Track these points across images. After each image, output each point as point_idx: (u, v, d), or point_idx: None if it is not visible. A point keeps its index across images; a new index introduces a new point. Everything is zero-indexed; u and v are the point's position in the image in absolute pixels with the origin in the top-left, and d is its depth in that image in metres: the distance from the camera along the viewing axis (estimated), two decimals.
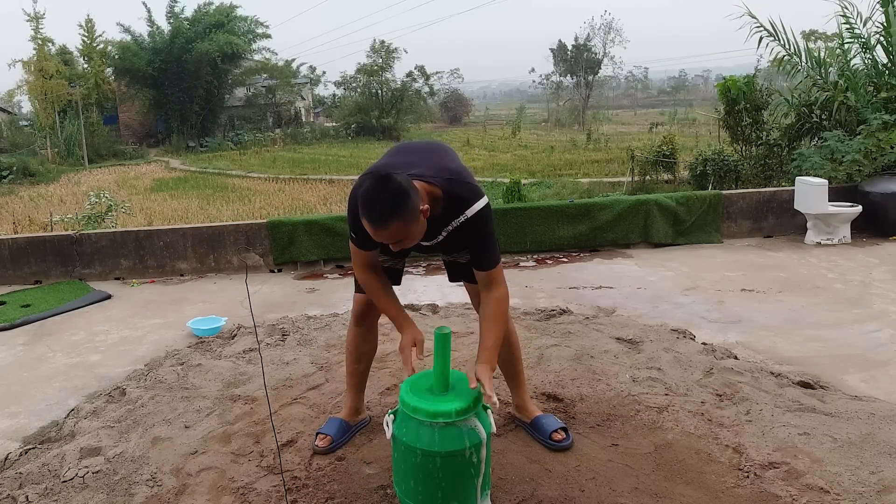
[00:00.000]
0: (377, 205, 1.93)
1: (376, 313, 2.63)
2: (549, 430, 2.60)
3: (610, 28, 40.67)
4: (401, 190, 1.94)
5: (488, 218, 2.18)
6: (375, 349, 2.74)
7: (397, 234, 1.97)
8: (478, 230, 2.18)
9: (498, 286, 2.24)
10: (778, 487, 2.28)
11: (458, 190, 2.14)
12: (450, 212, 2.14)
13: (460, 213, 2.14)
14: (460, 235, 2.20)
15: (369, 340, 2.67)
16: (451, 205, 2.13)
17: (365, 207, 1.96)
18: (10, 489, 2.49)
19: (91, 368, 3.80)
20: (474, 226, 2.16)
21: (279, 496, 2.34)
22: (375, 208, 1.93)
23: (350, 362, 2.69)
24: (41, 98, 26.81)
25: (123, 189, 16.10)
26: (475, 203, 2.15)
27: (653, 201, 6.28)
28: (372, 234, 1.99)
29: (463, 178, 2.19)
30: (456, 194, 2.13)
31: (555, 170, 16.66)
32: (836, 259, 5.56)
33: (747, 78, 9.27)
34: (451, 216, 2.15)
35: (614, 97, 64.90)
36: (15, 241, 5.97)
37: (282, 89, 35.37)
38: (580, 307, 4.47)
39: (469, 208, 2.14)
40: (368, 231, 1.99)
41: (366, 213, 1.96)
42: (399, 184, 1.95)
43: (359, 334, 2.63)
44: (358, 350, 2.66)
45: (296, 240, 5.98)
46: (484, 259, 2.23)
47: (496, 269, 2.24)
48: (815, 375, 3.21)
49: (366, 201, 1.95)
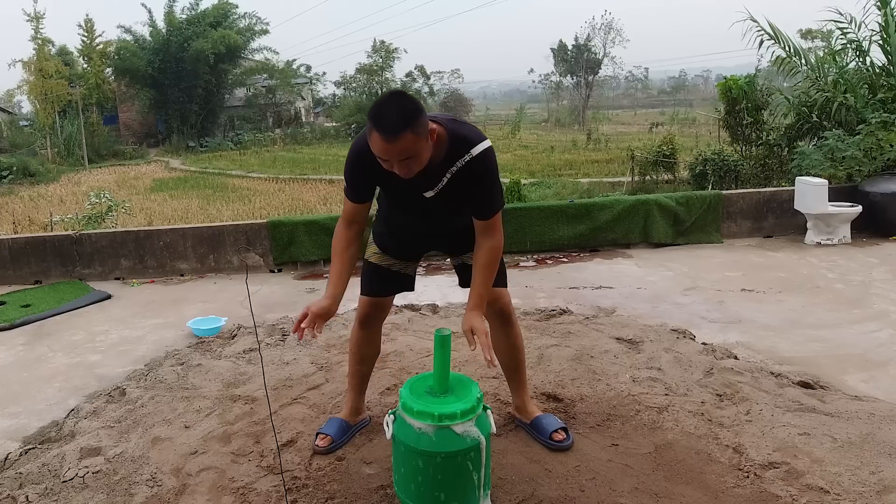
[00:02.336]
0: (391, 114, 1.91)
1: (381, 317, 2.63)
2: (550, 430, 2.60)
3: (610, 28, 40.73)
4: (413, 102, 1.95)
5: (492, 161, 2.16)
6: (378, 352, 2.73)
7: (408, 148, 1.92)
8: (482, 174, 2.15)
9: (494, 234, 2.25)
10: (778, 487, 2.28)
11: (462, 130, 2.14)
12: (453, 152, 2.12)
13: (464, 153, 2.12)
14: (464, 180, 2.15)
15: (373, 343, 2.67)
16: (455, 145, 2.12)
17: (377, 119, 1.92)
18: (10, 489, 2.49)
19: (91, 368, 3.80)
20: (478, 168, 2.13)
21: (279, 496, 2.34)
22: (389, 117, 1.90)
23: (353, 363, 2.69)
24: (41, 98, 26.80)
25: (123, 189, 16.10)
26: (479, 143, 2.13)
27: (653, 201, 6.28)
28: (383, 149, 1.93)
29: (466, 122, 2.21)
30: (460, 134, 2.13)
31: (555, 170, 16.64)
32: (836, 259, 5.56)
33: (748, 78, 9.28)
34: (455, 156, 2.12)
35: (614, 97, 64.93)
36: (15, 241, 5.97)
37: (282, 89, 35.37)
38: (580, 307, 4.47)
39: (473, 147, 2.12)
40: (379, 149, 1.94)
41: (378, 124, 1.91)
42: (411, 97, 1.97)
43: (362, 337, 2.62)
44: (361, 352, 2.65)
45: (296, 240, 5.98)
46: (487, 207, 2.21)
47: (496, 217, 2.24)
48: (815, 375, 3.21)
49: (378, 113, 1.92)
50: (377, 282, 2.55)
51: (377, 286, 2.55)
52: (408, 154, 1.94)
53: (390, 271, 2.53)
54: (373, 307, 2.56)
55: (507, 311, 2.57)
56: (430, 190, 2.19)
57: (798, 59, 8.24)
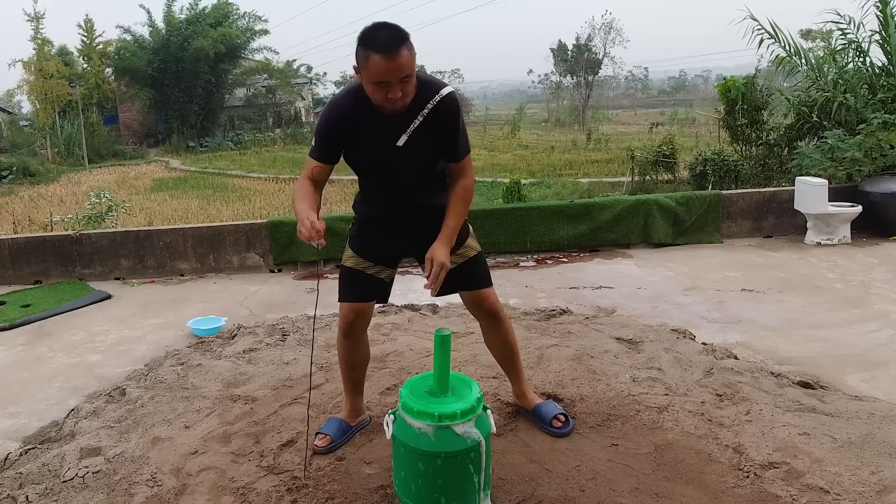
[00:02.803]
0: (385, 35, 2.04)
1: (363, 325, 2.61)
2: (550, 417, 2.66)
3: (610, 28, 40.65)
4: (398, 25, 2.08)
5: (458, 105, 2.32)
6: (368, 357, 2.73)
7: (407, 64, 2.05)
8: (450, 117, 2.28)
9: (467, 174, 2.41)
10: (778, 487, 2.28)
11: (427, 77, 2.29)
12: (422, 95, 2.23)
13: (434, 93, 2.24)
14: (433, 122, 2.26)
15: (360, 351, 2.66)
16: (424, 87, 2.23)
17: (374, 42, 2.04)
18: (10, 489, 2.50)
19: (91, 368, 3.80)
20: (445, 112, 2.27)
21: (279, 496, 2.34)
22: (385, 37, 2.04)
23: (344, 371, 2.69)
24: (41, 98, 26.81)
25: (123, 189, 16.09)
26: (443, 88, 2.26)
27: (653, 201, 6.28)
28: (385, 70, 2.03)
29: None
30: (425, 80, 2.26)
31: (555, 170, 16.63)
32: (836, 259, 5.56)
33: (747, 78, 9.28)
34: (423, 99, 2.23)
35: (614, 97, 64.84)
36: (15, 241, 5.97)
37: (282, 89, 35.36)
38: (580, 307, 4.47)
39: (441, 89, 2.25)
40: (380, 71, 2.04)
41: (376, 46, 2.03)
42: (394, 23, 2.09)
43: (347, 347, 2.61)
44: (349, 361, 2.65)
45: (296, 240, 5.97)
46: (459, 148, 2.36)
47: (467, 158, 2.40)
48: (815, 375, 3.21)
49: (374, 37, 2.05)
50: (354, 286, 2.53)
51: (355, 290, 2.54)
52: (407, 71, 2.07)
53: (366, 275, 2.52)
54: (354, 314, 2.53)
55: (494, 309, 2.60)
56: (403, 134, 2.26)
57: (798, 58, 8.24)
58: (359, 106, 2.23)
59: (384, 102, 2.13)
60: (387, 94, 2.09)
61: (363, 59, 2.06)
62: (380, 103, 2.15)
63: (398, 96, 2.10)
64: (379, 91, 2.10)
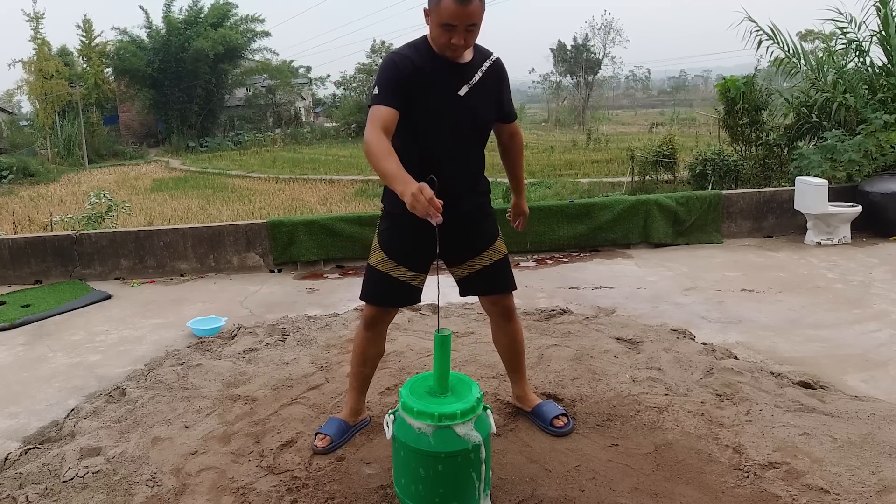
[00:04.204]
0: None
1: (387, 320, 2.63)
2: (550, 417, 2.67)
3: (610, 28, 40.63)
4: None
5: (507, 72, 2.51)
6: (382, 354, 2.72)
7: (476, 13, 2.16)
8: (505, 77, 2.49)
9: (520, 133, 2.70)
10: (778, 487, 2.28)
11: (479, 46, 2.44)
12: (479, 55, 2.39)
13: (488, 55, 2.43)
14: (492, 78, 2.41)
15: (377, 345, 2.65)
16: (479, 50, 2.40)
17: None
18: (10, 489, 2.49)
19: (91, 368, 3.80)
20: (502, 71, 2.46)
21: (279, 496, 2.34)
22: None
23: (355, 364, 2.68)
24: (41, 98, 26.81)
25: (123, 189, 16.10)
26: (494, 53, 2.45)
27: (653, 201, 6.28)
28: (456, 13, 2.12)
29: None
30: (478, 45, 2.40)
31: (555, 170, 16.63)
32: (836, 259, 5.56)
33: (746, 78, 9.28)
34: (481, 58, 2.40)
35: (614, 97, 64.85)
36: (15, 241, 5.97)
37: (282, 89, 35.36)
38: (580, 307, 4.47)
39: (493, 54, 2.44)
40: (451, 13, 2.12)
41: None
42: None
43: (367, 338, 2.61)
44: (365, 353, 2.64)
45: (296, 240, 5.98)
46: (511, 108, 2.59)
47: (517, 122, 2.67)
48: (815, 375, 3.21)
49: None
50: (384, 292, 2.51)
51: (384, 296, 2.52)
52: (475, 20, 2.17)
53: (399, 281, 2.47)
54: (379, 313, 2.57)
55: (510, 308, 2.65)
56: (465, 85, 2.34)
57: (797, 59, 8.24)
58: (421, 56, 2.29)
59: (446, 48, 2.22)
60: (451, 38, 2.18)
61: (435, 2, 2.16)
62: (441, 48, 2.24)
63: (461, 43, 2.19)
64: (444, 35, 2.18)
